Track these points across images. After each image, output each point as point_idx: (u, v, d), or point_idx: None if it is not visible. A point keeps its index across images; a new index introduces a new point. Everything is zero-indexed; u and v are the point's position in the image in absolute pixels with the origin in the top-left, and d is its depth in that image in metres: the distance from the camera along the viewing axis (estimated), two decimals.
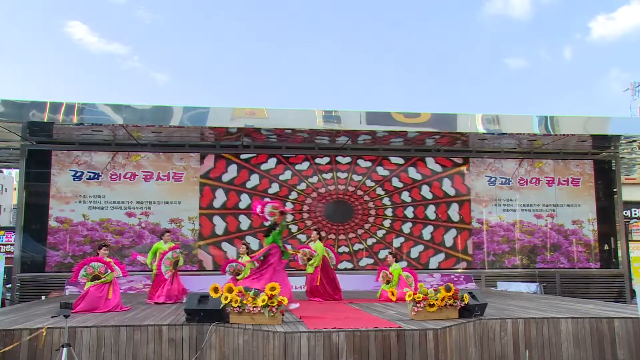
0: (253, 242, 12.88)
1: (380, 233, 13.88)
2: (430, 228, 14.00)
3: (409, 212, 13.99)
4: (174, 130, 12.21)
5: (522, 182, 14.52)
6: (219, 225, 13.33)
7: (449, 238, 14.05)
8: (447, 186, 14.22)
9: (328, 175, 13.84)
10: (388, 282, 10.15)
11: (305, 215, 13.68)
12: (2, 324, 6.57)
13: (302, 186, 13.73)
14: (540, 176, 14.60)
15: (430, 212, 14.06)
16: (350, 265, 13.61)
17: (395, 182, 14.05)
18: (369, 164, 14.01)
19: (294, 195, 13.66)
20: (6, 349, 5.79)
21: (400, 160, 14.13)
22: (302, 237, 13.45)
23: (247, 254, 10.18)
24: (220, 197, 13.41)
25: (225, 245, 13.29)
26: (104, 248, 8.65)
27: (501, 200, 14.42)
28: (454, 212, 14.15)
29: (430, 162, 14.23)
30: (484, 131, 12.34)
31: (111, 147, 13.15)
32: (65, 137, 12.73)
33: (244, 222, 13.41)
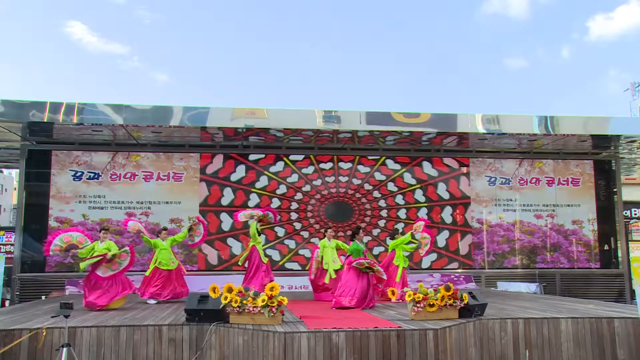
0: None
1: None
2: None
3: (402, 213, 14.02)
4: (174, 130, 12.20)
5: (522, 182, 14.52)
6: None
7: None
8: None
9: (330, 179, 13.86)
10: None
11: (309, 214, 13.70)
12: (2, 324, 6.58)
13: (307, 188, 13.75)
14: (540, 176, 14.60)
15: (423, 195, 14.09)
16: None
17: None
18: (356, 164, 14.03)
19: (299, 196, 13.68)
20: (5, 348, 5.78)
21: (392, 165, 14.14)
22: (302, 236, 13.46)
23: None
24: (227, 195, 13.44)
25: (230, 241, 13.29)
26: (103, 232, 8.82)
27: (501, 200, 14.42)
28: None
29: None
30: (484, 131, 12.32)
31: (111, 147, 13.15)
32: (65, 137, 12.72)
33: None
